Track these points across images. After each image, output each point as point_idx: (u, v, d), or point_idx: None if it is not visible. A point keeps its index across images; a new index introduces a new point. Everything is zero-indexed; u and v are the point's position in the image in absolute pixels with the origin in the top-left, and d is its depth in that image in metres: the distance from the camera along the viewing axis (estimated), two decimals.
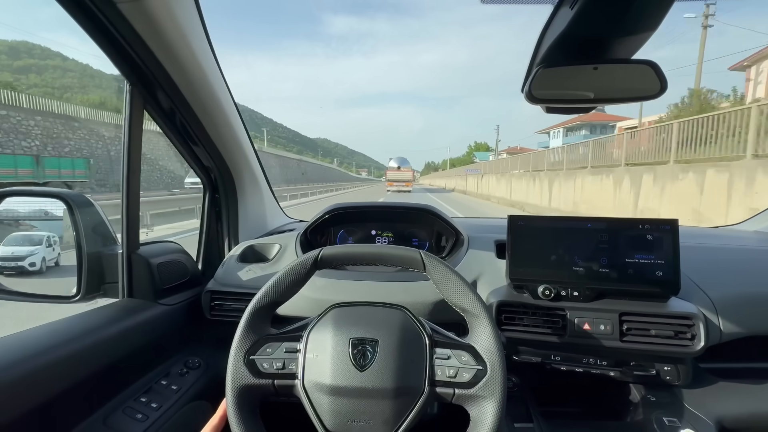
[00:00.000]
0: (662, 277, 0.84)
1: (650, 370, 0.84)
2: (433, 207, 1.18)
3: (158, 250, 1.02)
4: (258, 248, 1.19)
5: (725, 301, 0.86)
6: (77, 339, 0.76)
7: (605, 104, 0.75)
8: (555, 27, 0.62)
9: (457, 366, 0.57)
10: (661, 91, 0.66)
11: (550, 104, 0.77)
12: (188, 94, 0.92)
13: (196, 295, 1.09)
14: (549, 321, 0.86)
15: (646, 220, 0.87)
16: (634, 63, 0.65)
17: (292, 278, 0.64)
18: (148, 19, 0.73)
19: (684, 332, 0.80)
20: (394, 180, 32.04)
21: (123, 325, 0.86)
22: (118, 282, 0.95)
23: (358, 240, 1.27)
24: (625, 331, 0.82)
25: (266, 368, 0.59)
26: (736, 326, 0.85)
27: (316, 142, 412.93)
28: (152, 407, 0.83)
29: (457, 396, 0.57)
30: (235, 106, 1.10)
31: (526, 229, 0.92)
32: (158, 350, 0.96)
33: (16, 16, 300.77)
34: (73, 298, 0.93)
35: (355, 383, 0.56)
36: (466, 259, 1.05)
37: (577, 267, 0.88)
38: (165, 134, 1.03)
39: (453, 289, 0.62)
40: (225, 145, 1.12)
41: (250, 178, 1.27)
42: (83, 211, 0.95)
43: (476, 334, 0.60)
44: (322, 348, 0.59)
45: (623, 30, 0.58)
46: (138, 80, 0.86)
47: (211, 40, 0.92)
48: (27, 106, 20.42)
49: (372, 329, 0.60)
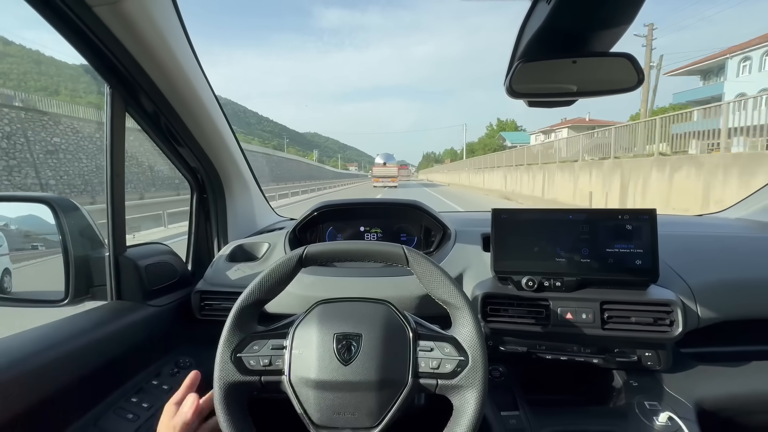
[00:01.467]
0: (641, 265, 0.86)
1: (632, 356, 0.86)
2: (421, 202, 1.18)
3: (146, 252, 1.02)
4: (247, 247, 1.19)
5: (703, 287, 0.88)
6: (66, 342, 0.76)
7: (585, 97, 0.75)
8: (533, 22, 0.62)
9: (439, 357, 0.58)
10: (639, 83, 0.67)
11: (532, 98, 0.78)
12: (170, 96, 0.91)
13: (186, 296, 1.09)
14: (533, 311, 0.87)
15: (625, 210, 0.88)
16: (612, 56, 0.65)
17: (277, 276, 0.65)
18: (125, 21, 0.72)
19: (663, 318, 0.82)
20: (379, 176, 32.27)
21: (112, 327, 0.86)
22: (106, 285, 0.95)
23: (347, 237, 1.27)
24: (607, 319, 0.84)
25: (253, 365, 0.60)
26: (713, 311, 0.87)
27: (306, 136, 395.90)
28: (143, 407, 0.84)
29: (440, 386, 0.58)
30: (219, 106, 1.09)
31: (509, 222, 0.93)
32: (149, 351, 0.96)
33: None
34: (60, 302, 0.93)
35: (340, 377, 0.57)
36: (453, 253, 1.06)
37: (559, 258, 0.89)
38: (149, 136, 1.03)
39: (435, 282, 0.63)
40: (210, 145, 1.11)
41: (237, 178, 1.27)
42: (69, 215, 0.94)
43: (458, 325, 0.61)
44: (307, 344, 0.60)
45: (599, 24, 0.59)
46: (118, 83, 0.85)
47: (191, 40, 0.91)
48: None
49: (356, 324, 0.61)
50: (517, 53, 0.69)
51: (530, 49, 0.66)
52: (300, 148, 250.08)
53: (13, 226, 1.09)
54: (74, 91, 79.39)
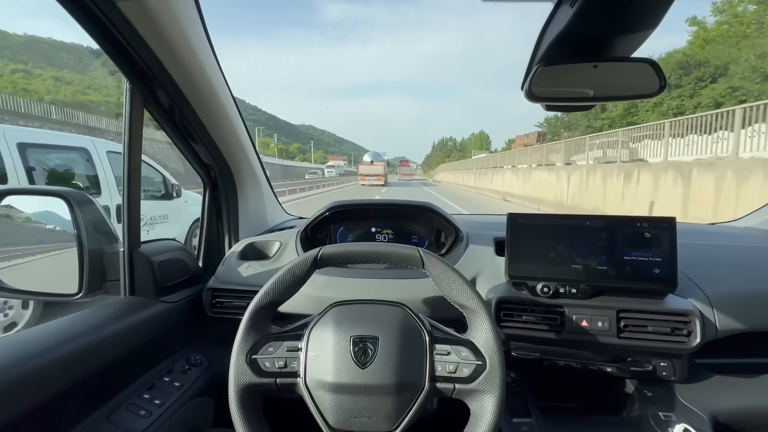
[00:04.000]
0: (659, 274, 0.84)
1: (646, 365, 0.85)
2: (432, 204, 1.18)
3: (159, 248, 1.02)
4: (258, 245, 1.19)
5: (721, 297, 0.87)
6: (79, 337, 0.76)
7: (605, 102, 0.75)
8: (555, 25, 0.62)
9: (456, 361, 0.58)
10: (660, 89, 0.66)
11: (550, 102, 0.77)
12: (188, 92, 0.92)
13: (198, 293, 1.09)
14: (547, 318, 0.86)
15: (644, 218, 0.87)
16: (634, 61, 0.65)
17: (292, 278, 0.65)
18: (149, 18, 0.72)
19: (680, 329, 0.81)
20: (366, 174, 32.50)
21: (125, 323, 0.86)
22: (119, 280, 0.96)
23: (358, 237, 1.27)
24: (623, 327, 0.83)
25: (268, 367, 0.60)
26: (732, 322, 0.85)
27: (299, 128, 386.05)
28: (155, 404, 0.84)
29: (457, 391, 0.58)
30: (235, 103, 1.10)
31: (525, 227, 0.92)
32: (160, 347, 0.97)
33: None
34: (75, 296, 0.94)
35: (357, 380, 0.57)
36: (465, 256, 1.06)
37: (575, 264, 0.88)
38: (165, 132, 1.03)
39: (451, 286, 0.62)
40: (225, 143, 1.12)
41: (249, 176, 1.27)
42: (84, 209, 0.95)
43: (475, 329, 0.61)
44: (323, 346, 0.60)
45: (623, 28, 0.58)
46: (138, 79, 0.86)
47: (210, 37, 0.92)
48: None
49: (372, 327, 0.60)
50: (537, 56, 0.69)
51: (551, 52, 0.66)
52: (289, 140, 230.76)
53: (31, 219, 1.10)
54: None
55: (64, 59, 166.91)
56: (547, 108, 0.81)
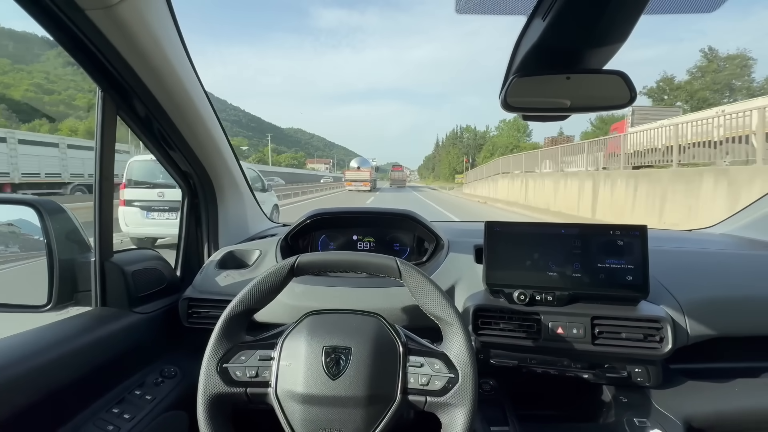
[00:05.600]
0: (632, 281, 0.86)
1: (622, 372, 0.86)
2: (414, 212, 1.18)
3: (133, 258, 1.00)
4: (238, 254, 1.17)
5: (692, 304, 0.89)
6: (46, 350, 0.74)
7: (579, 113, 0.76)
8: (529, 37, 0.62)
9: (429, 374, 0.58)
10: (631, 100, 0.68)
11: (526, 113, 0.78)
12: (163, 100, 0.90)
13: (174, 303, 1.07)
14: (524, 325, 0.87)
15: (616, 226, 0.89)
16: (605, 73, 0.66)
17: (268, 286, 0.64)
18: (120, 26, 0.71)
19: (653, 335, 0.82)
20: (352, 180, 32.94)
21: (95, 335, 0.84)
22: (90, 290, 0.93)
23: (340, 245, 1.26)
24: (597, 334, 0.84)
25: (239, 376, 0.59)
26: (703, 328, 0.87)
27: (286, 132, 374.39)
28: (125, 418, 0.81)
29: (428, 404, 0.57)
30: (214, 111, 1.08)
31: (502, 235, 0.93)
32: (133, 359, 0.94)
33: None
34: (43, 308, 0.90)
35: (328, 392, 0.56)
36: (445, 264, 1.06)
37: (551, 272, 0.89)
38: (140, 140, 1.01)
39: (427, 297, 0.62)
40: (203, 150, 1.10)
41: (230, 183, 1.25)
42: (54, 218, 0.92)
43: (449, 342, 0.61)
44: (295, 356, 0.59)
45: (594, 41, 0.59)
46: (110, 86, 0.84)
47: (185, 44, 0.90)
48: None
49: (346, 337, 0.60)
50: (513, 68, 0.70)
51: (525, 64, 0.66)
52: (274, 144, 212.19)
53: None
54: None
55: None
56: (524, 118, 0.82)
